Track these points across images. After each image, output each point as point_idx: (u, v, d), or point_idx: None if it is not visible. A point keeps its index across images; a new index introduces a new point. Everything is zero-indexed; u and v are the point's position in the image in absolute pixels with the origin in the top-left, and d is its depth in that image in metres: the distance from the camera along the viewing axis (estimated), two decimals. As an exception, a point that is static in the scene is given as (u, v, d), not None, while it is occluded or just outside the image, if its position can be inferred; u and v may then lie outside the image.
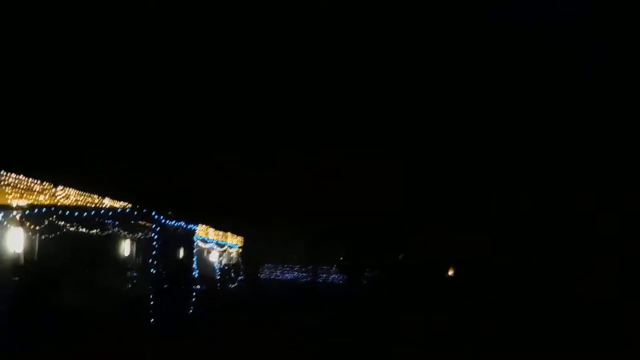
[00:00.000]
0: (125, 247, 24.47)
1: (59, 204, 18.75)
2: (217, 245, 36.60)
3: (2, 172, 16.40)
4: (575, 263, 34.69)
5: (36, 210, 17.21)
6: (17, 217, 16.94)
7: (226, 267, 36.89)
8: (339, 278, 44.00)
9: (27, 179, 17.29)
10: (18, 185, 17.02)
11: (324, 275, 44.19)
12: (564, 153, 38.42)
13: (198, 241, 32.01)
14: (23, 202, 17.26)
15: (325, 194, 40.74)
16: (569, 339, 17.02)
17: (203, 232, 34.38)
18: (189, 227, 17.84)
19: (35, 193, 17.77)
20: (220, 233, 37.91)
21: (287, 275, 44.97)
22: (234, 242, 41.26)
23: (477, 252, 39.43)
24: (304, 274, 44.25)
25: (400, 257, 43.22)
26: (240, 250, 42.48)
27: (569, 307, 26.65)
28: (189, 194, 35.21)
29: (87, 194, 20.89)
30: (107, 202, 22.19)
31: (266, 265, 45.31)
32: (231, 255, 41.33)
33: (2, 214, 16.38)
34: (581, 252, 34.76)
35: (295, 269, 45.06)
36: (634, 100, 36.45)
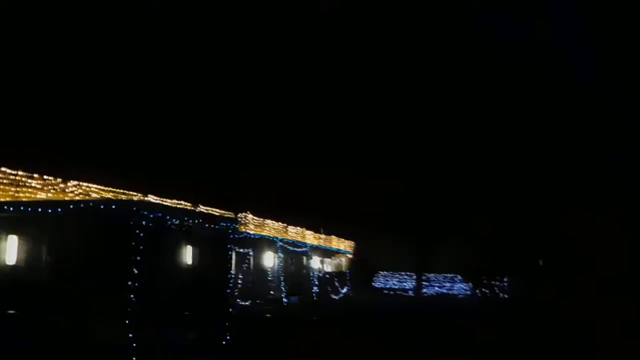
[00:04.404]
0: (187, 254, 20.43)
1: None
2: (317, 251, 31.92)
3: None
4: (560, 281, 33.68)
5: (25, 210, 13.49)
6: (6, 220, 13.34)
7: (327, 276, 32.03)
8: (466, 290, 37.25)
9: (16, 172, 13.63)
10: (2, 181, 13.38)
11: (448, 285, 37.72)
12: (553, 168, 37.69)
13: (286, 245, 27.57)
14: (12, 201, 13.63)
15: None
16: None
17: (299, 236, 29.93)
18: (217, 226, 13.05)
19: (32, 190, 14.06)
20: (322, 237, 33.19)
21: (405, 284, 39.16)
22: (342, 247, 36.31)
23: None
24: (424, 283, 38.06)
25: (540, 261, 35.37)
26: (350, 256, 37.42)
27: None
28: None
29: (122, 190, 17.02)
30: (152, 199, 18.29)
31: (381, 273, 39.88)
32: (337, 262, 36.43)
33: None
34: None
35: (414, 277, 39.09)
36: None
